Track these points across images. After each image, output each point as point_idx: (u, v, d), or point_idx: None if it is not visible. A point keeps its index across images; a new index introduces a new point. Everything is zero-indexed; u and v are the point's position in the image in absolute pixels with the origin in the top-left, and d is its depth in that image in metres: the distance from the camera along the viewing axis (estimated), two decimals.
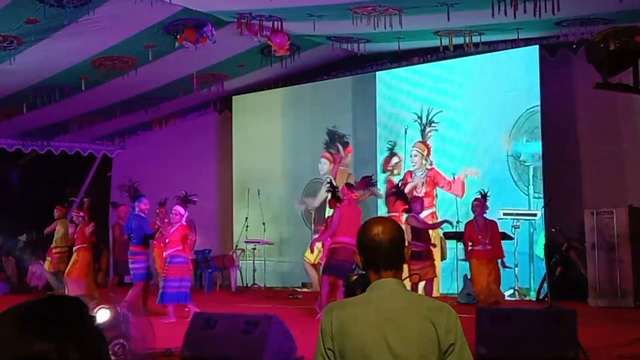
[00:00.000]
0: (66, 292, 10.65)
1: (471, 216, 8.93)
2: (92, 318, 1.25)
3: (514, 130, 10.77)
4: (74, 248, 10.89)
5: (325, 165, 12.80)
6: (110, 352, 5.30)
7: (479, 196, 8.95)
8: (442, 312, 2.35)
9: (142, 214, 9.83)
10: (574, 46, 9.93)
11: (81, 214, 10.96)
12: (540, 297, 9.84)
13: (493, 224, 8.88)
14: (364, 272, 7.26)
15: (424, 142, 11.74)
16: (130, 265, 9.82)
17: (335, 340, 2.35)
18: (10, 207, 11.97)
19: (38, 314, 1.22)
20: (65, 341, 1.18)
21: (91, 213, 11.24)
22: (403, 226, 8.58)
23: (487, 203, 8.96)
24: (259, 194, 13.25)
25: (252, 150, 13.66)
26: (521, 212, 10.47)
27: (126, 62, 10.59)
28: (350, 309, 2.41)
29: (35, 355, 1.16)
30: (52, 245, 11.47)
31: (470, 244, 8.77)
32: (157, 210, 11.25)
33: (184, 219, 9.37)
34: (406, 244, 2.54)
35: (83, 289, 10.59)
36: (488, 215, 8.86)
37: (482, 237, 8.62)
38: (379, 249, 2.40)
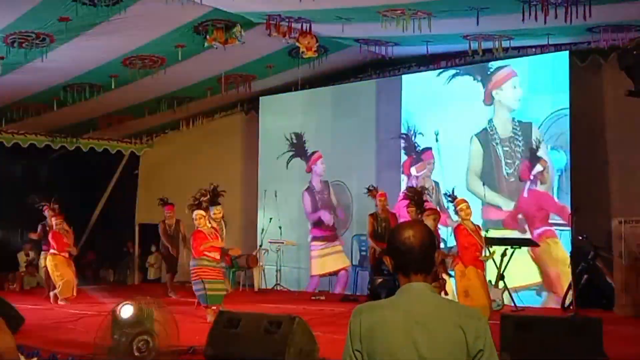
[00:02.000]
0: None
1: None
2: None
3: (541, 137, 10.68)
4: (66, 254, 11.00)
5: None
6: (135, 348, 5.36)
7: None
8: (472, 318, 2.36)
9: None
10: (605, 52, 9.82)
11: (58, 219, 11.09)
12: (566, 305, 9.75)
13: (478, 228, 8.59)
14: (388, 276, 7.26)
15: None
16: None
17: (364, 342, 2.36)
18: (39, 203, 12.14)
19: None
20: None
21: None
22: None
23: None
24: (276, 195, 13.32)
25: (278, 151, 13.69)
26: (559, 222, 10.34)
27: (156, 62, 10.68)
28: (379, 312, 2.41)
29: None
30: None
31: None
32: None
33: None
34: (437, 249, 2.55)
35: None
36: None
37: (479, 242, 8.28)
38: (410, 253, 2.41)
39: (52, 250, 11.05)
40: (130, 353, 5.33)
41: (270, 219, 13.30)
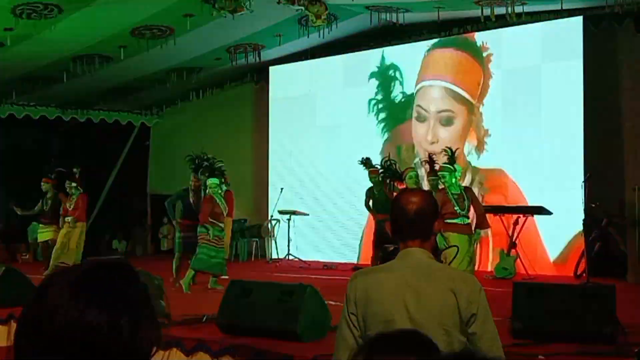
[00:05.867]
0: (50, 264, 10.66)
1: None
2: (144, 287, 1.18)
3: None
4: (68, 219, 10.72)
5: None
6: None
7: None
8: (464, 282, 2.41)
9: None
10: (620, 17, 9.66)
11: (74, 184, 10.87)
12: (578, 273, 9.73)
13: (469, 191, 8.45)
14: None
15: None
16: None
17: (359, 305, 2.44)
18: (51, 174, 12.17)
19: (89, 281, 1.14)
20: (117, 311, 1.11)
21: (86, 182, 11.14)
22: None
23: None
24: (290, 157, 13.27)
25: (288, 121, 13.65)
26: None
27: (164, 32, 10.61)
28: (373, 276, 2.52)
29: (87, 325, 1.10)
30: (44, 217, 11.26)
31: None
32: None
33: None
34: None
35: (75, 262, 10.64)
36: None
37: (459, 208, 8.05)
38: (404, 219, 2.47)
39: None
40: None
41: (282, 189, 13.29)
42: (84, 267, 1.19)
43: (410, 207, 2.46)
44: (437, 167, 8.75)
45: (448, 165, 8.23)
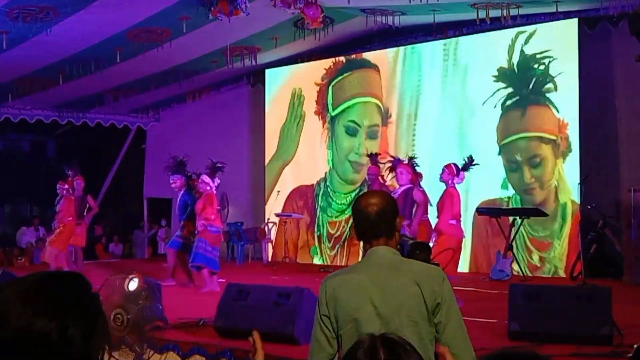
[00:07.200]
0: (46, 259, 10.52)
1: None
2: (95, 297, 1.22)
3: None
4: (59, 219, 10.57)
5: None
6: (112, 322, 5.29)
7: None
8: (427, 273, 2.49)
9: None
10: (615, 19, 9.69)
11: (66, 186, 10.75)
12: (574, 274, 9.74)
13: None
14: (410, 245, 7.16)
15: None
16: None
17: (330, 306, 2.51)
18: (47, 178, 12.14)
19: (40, 290, 1.18)
20: (67, 320, 1.15)
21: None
22: None
23: (460, 170, 8.30)
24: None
25: (284, 124, 13.65)
26: None
27: (161, 34, 10.61)
28: (341, 277, 2.59)
29: (37, 333, 1.13)
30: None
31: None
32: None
33: (212, 187, 9.38)
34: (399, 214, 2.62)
35: (62, 261, 10.50)
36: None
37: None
38: (367, 220, 2.53)
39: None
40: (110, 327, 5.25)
41: (278, 191, 13.29)
42: (35, 277, 1.22)
43: (372, 209, 2.51)
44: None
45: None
